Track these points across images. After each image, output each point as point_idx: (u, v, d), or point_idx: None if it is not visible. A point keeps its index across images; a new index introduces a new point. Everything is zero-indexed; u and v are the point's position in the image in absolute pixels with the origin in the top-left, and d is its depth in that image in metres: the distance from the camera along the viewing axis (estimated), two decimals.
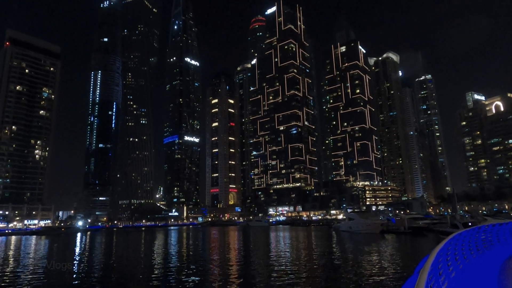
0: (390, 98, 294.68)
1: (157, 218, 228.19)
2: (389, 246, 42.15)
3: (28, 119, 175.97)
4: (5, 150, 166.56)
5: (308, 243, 50.51)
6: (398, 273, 22.04)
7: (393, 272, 22.44)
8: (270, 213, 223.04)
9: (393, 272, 22.44)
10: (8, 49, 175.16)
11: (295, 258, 31.27)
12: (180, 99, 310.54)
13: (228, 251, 41.24)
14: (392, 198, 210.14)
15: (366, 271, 22.87)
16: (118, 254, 42.75)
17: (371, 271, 22.85)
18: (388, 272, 22.39)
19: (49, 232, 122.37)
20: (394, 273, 22.03)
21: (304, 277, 21.18)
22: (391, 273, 22.25)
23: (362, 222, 74.32)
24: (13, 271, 27.35)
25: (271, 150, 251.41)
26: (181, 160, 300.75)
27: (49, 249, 53.40)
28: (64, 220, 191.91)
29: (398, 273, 22.04)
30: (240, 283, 20.43)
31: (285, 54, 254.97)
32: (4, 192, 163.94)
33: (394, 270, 23.56)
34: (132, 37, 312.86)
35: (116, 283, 21.93)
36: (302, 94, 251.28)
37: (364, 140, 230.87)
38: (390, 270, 23.30)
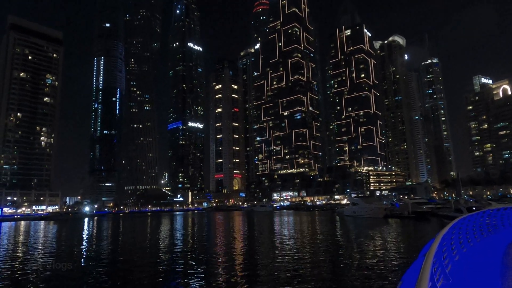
0: (395, 83, 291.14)
1: (162, 204, 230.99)
2: (393, 231, 42.44)
3: (32, 106, 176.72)
4: (11, 137, 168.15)
5: (312, 228, 50.99)
6: (402, 257, 22.24)
7: (396, 256, 22.64)
8: (274, 198, 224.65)
9: (396, 256, 22.64)
10: (11, 36, 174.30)
11: (299, 242, 31.63)
12: (183, 84, 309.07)
13: (233, 235, 41.81)
14: (396, 183, 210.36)
15: (369, 255, 23.10)
16: (125, 238, 43.57)
17: (374, 255, 23.08)
18: (391, 256, 22.60)
19: (57, 218, 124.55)
20: (397, 257, 22.23)
21: (308, 260, 21.44)
22: (394, 256, 22.45)
23: (366, 207, 74.70)
24: (25, 255, 27.99)
25: (275, 136, 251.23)
26: (185, 146, 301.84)
27: (58, 233, 54.44)
28: (71, 206, 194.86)
29: (402, 257, 22.24)
30: (245, 265, 20.75)
31: (289, 38, 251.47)
32: (12, 178, 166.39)
33: (398, 254, 23.77)
34: (134, 22, 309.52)
35: (123, 266, 22.41)
36: (306, 79, 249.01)
37: (369, 125, 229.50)
38: (394, 254, 23.50)
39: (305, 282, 15.60)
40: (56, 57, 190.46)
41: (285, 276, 16.51)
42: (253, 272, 18.28)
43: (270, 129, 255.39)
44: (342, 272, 18.07)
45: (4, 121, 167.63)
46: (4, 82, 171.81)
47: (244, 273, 18.57)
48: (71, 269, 21.16)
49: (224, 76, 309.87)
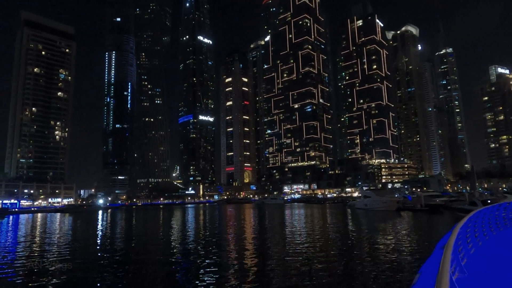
0: (408, 74, 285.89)
1: (174, 196, 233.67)
2: (405, 223, 42.04)
3: (46, 100, 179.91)
4: (27, 131, 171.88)
5: (323, 220, 50.90)
6: (416, 250, 22.03)
7: (410, 249, 22.43)
8: (285, 191, 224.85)
9: (410, 249, 22.43)
10: (24, 32, 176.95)
11: (310, 235, 31.62)
12: (193, 78, 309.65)
13: (244, 227, 42.07)
14: (409, 176, 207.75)
15: (382, 248, 22.95)
16: (138, 229, 44.34)
17: (388, 248, 22.92)
18: (405, 249, 22.40)
19: (72, 210, 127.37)
20: (411, 250, 22.02)
21: (319, 253, 21.43)
22: (408, 249, 22.25)
23: (378, 200, 74.09)
24: (43, 246, 28.75)
25: (285, 129, 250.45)
26: (196, 140, 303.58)
27: (73, 225, 55.71)
28: (85, 198, 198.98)
29: (416, 250, 22.03)
30: (256, 257, 20.86)
31: (300, 30, 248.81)
32: (29, 171, 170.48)
33: (411, 247, 23.55)
34: (144, 16, 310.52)
35: (136, 257, 22.81)
36: (317, 71, 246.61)
37: (381, 117, 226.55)
38: (407, 247, 23.29)
39: (318, 276, 15.60)
40: (68, 52, 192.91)
41: (297, 270, 16.52)
42: (264, 264, 18.37)
43: (280, 122, 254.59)
44: (355, 265, 18.00)
45: (20, 115, 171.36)
46: (19, 77, 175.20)
47: (255, 265, 18.67)
48: (86, 259, 21.66)
49: (234, 69, 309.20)
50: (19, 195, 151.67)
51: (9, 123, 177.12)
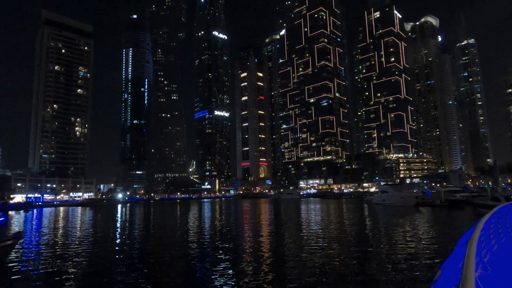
0: (427, 66, 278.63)
1: (190, 191, 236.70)
2: (424, 219, 41.17)
3: (67, 97, 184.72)
4: (48, 127, 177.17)
5: (339, 215, 50.47)
6: (435, 245, 21.54)
7: (429, 244, 21.96)
8: (301, 186, 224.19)
9: (429, 244, 21.96)
10: (45, 30, 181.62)
11: (326, 229, 31.41)
12: (209, 73, 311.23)
13: (260, 222, 42.18)
14: (428, 171, 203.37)
15: (401, 244, 22.56)
16: (156, 222, 45.19)
17: (406, 244, 22.51)
18: (424, 244, 21.95)
19: (93, 204, 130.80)
20: (430, 245, 21.55)
21: (335, 248, 21.26)
22: (427, 245, 21.79)
23: (396, 195, 72.78)
24: (68, 238, 29.67)
25: (301, 123, 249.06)
26: (212, 135, 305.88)
27: (95, 218, 57.24)
28: (105, 193, 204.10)
29: (435, 245, 21.54)
30: (272, 252, 20.88)
31: (315, 23, 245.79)
32: (51, 167, 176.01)
33: (430, 242, 23.04)
34: (160, 12, 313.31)
35: (154, 249, 23.24)
36: (333, 64, 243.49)
37: (399, 111, 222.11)
38: (426, 242, 22.81)
39: (335, 272, 15.47)
40: (87, 49, 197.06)
41: (314, 266, 16.42)
42: (280, 260, 18.35)
43: (296, 117, 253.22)
44: (373, 260, 17.76)
45: (42, 112, 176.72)
46: (40, 75, 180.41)
47: (271, 259, 18.68)
48: (107, 250, 22.24)
49: (249, 63, 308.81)
50: (42, 189, 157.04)
51: (32, 119, 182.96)
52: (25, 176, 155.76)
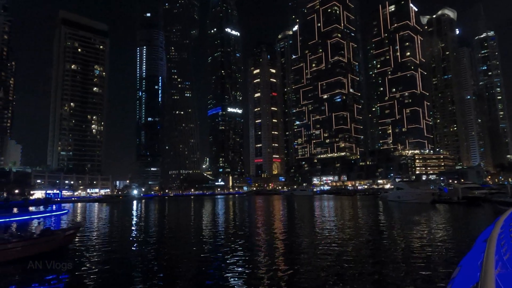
0: (444, 60, 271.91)
1: (204, 187, 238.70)
2: (441, 216, 40.40)
3: (83, 96, 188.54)
4: (66, 125, 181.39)
5: (354, 212, 50.03)
6: (452, 243, 21.12)
7: (446, 242, 21.55)
8: (314, 182, 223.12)
9: (446, 242, 21.55)
10: (62, 30, 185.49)
11: (340, 226, 31.19)
12: (222, 70, 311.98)
13: (273, 218, 42.22)
14: (445, 167, 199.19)
15: (417, 241, 22.21)
16: (171, 217, 45.84)
17: (422, 240, 22.16)
18: (440, 241, 21.55)
19: (109, 200, 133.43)
20: (447, 243, 21.15)
21: (350, 245, 21.10)
22: (444, 242, 21.39)
23: (412, 192, 71.62)
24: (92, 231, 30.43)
25: (314, 119, 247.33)
26: (225, 131, 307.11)
27: (112, 213, 58.42)
28: (121, 189, 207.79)
29: (452, 243, 21.12)
30: (286, 249, 20.89)
31: (328, 18, 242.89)
32: (69, 163, 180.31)
33: (447, 239, 22.60)
34: (173, 10, 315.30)
35: (170, 242, 23.59)
36: (346, 60, 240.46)
37: (415, 106, 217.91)
38: (443, 239, 22.39)
39: (349, 270, 15.36)
40: (102, 48, 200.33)
41: (328, 265, 16.33)
42: (293, 258, 18.34)
43: (309, 113, 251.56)
44: (389, 257, 17.55)
45: (59, 110, 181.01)
46: (58, 74, 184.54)
47: (285, 258, 18.70)
48: (125, 243, 22.74)
49: (262, 60, 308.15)
50: (61, 185, 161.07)
51: (50, 118, 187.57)
52: (44, 173, 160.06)
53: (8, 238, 17.60)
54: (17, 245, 17.23)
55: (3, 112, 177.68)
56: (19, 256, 16.83)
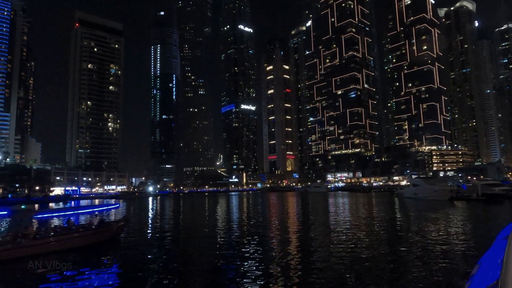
0: (463, 53, 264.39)
1: (218, 184, 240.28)
2: (459, 213, 39.52)
3: (100, 94, 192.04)
4: (83, 123, 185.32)
5: (369, 209, 49.46)
6: (471, 240, 20.64)
7: (465, 239, 21.08)
8: (329, 179, 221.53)
9: (465, 239, 21.08)
10: (78, 30, 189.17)
11: (355, 223, 30.90)
12: (235, 68, 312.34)
13: (287, 215, 42.18)
14: (463, 163, 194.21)
15: (433, 237, 21.81)
16: (185, 214, 46.39)
17: (439, 237, 21.74)
18: (459, 238, 21.09)
19: (126, 196, 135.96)
20: (466, 240, 20.68)
21: (366, 242, 20.88)
22: (462, 239, 20.93)
23: (429, 188, 70.24)
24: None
25: (328, 116, 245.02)
26: (238, 128, 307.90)
27: (127, 209, 59.54)
28: (137, 186, 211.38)
29: (471, 240, 20.64)
30: (301, 247, 20.84)
31: (343, 13, 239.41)
32: (86, 161, 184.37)
33: (466, 237, 22.10)
34: (186, 8, 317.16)
35: (184, 237, 23.92)
36: (361, 55, 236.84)
37: (432, 101, 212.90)
38: (461, 237, 21.91)
39: (365, 267, 15.22)
40: (117, 47, 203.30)
41: (344, 265, 16.22)
42: (308, 256, 18.27)
43: (323, 109, 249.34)
44: (405, 256, 17.30)
45: (77, 109, 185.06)
46: (75, 73, 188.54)
47: (299, 256, 18.66)
48: (142, 237, 23.21)
49: (275, 56, 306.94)
50: (79, 182, 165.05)
51: (68, 116, 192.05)
52: (63, 170, 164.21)
53: (74, 228, 20.29)
54: (82, 234, 19.85)
55: (24, 111, 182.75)
56: (82, 244, 19.44)
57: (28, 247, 17.34)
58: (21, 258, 16.32)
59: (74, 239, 19.27)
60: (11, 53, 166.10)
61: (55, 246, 18.41)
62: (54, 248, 18.25)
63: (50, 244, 18.29)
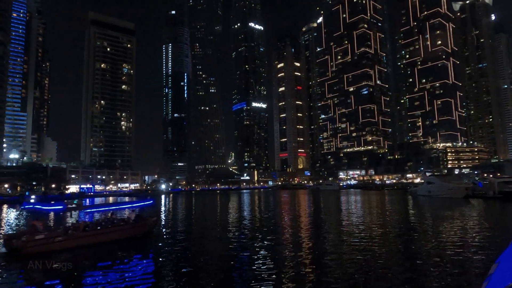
0: (479, 48, 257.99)
1: (230, 182, 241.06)
2: (476, 212, 38.69)
3: (113, 93, 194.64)
4: (97, 122, 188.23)
5: (382, 207, 48.88)
6: (488, 238, 20.16)
7: (481, 237, 20.61)
8: (341, 176, 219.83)
9: (481, 237, 20.61)
10: (91, 30, 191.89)
11: (368, 221, 30.57)
12: (246, 65, 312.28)
13: (299, 213, 42.03)
14: (479, 160, 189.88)
15: (449, 236, 21.40)
16: (197, 211, 46.75)
17: (455, 236, 21.32)
18: (475, 237, 20.64)
19: (139, 194, 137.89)
20: (483, 239, 20.21)
21: (379, 242, 20.63)
22: (479, 238, 20.47)
23: (443, 186, 68.96)
24: None
25: (340, 113, 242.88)
26: (250, 126, 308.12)
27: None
28: (149, 184, 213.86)
29: (488, 238, 20.16)
30: (313, 244, 20.73)
31: (354, 8, 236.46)
32: (100, 159, 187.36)
33: (483, 235, 21.59)
34: (197, 6, 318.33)
35: (197, 234, 24.10)
36: (373, 51, 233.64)
37: (446, 97, 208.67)
38: (478, 235, 21.42)
39: (379, 267, 15.04)
40: (130, 47, 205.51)
41: (356, 264, 16.05)
42: (322, 256, 18.15)
43: (335, 106, 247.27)
44: (420, 254, 17.03)
45: (91, 108, 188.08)
46: (88, 73, 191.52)
47: (312, 255, 18.57)
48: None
49: (286, 54, 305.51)
50: (93, 180, 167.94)
51: (82, 115, 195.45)
52: (78, 168, 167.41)
53: (115, 222, 22.29)
54: (123, 228, 21.92)
55: (40, 111, 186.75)
56: (123, 237, 21.38)
57: (78, 238, 19.27)
58: (72, 248, 18.36)
59: (116, 232, 21.21)
60: (27, 54, 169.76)
61: (100, 238, 20.21)
62: (99, 240, 20.05)
63: (96, 236, 20.14)
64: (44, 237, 18.07)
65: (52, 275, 13.84)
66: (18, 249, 17.21)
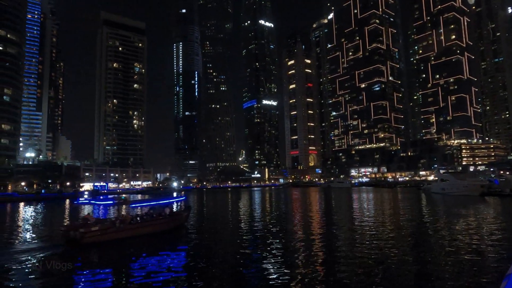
0: (495, 42, 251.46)
1: (241, 180, 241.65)
2: (492, 210, 37.83)
3: (125, 92, 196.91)
4: (110, 121, 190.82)
5: (395, 206, 48.24)
6: (505, 237, 19.66)
7: (498, 236, 20.11)
8: (352, 174, 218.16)
9: (498, 236, 20.11)
10: (104, 30, 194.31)
11: (380, 219, 30.20)
12: (256, 63, 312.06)
13: (311, 211, 41.83)
14: (495, 157, 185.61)
15: (465, 234, 20.96)
16: (209, 208, 47.05)
17: (471, 234, 20.88)
18: (492, 236, 20.15)
19: (151, 191, 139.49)
20: (499, 237, 19.72)
21: (393, 240, 20.34)
22: (495, 236, 19.97)
23: (458, 183, 67.70)
24: None
25: (351, 110, 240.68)
26: (260, 124, 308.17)
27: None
28: (161, 181, 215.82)
29: (505, 237, 19.66)
30: (325, 243, 20.60)
31: (366, 4, 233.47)
32: (113, 157, 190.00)
33: (500, 234, 21.06)
34: (207, 5, 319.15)
35: (208, 231, 24.24)
36: (385, 46, 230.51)
37: (461, 93, 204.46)
38: (495, 234, 20.91)
39: (392, 266, 14.83)
40: (141, 46, 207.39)
41: (368, 265, 15.85)
42: (334, 254, 18.00)
43: (346, 103, 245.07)
44: (435, 253, 16.73)
45: (103, 107, 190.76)
46: (101, 72, 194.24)
47: (324, 253, 18.44)
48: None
49: (296, 51, 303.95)
50: (107, 178, 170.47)
51: (95, 114, 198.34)
52: (91, 166, 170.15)
53: (154, 216, 24.19)
54: (162, 221, 24.07)
55: (54, 110, 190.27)
56: (161, 229, 23.55)
57: (125, 230, 21.17)
58: (120, 239, 20.44)
59: (156, 225, 23.36)
60: (41, 55, 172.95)
61: (143, 231, 22.25)
62: (142, 232, 22.11)
63: (140, 229, 22.18)
64: (99, 228, 19.86)
65: (105, 263, 16.02)
66: (77, 240, 18.98)
